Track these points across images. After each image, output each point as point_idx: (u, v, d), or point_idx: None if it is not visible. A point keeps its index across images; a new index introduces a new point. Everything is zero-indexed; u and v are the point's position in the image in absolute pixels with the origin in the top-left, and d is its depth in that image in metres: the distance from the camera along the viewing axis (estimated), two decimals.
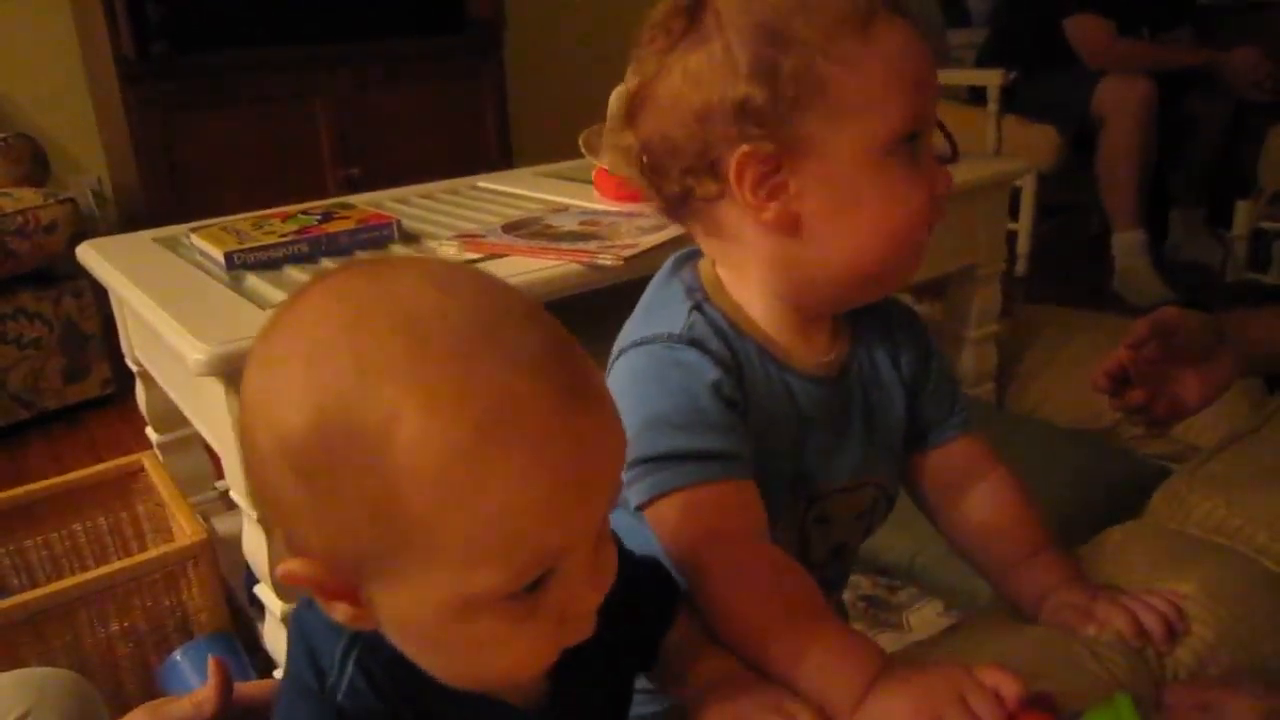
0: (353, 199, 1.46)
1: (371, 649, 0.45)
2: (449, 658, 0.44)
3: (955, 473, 0.71)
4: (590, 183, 1.43)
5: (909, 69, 0.58)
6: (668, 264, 0.69)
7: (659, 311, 0.64)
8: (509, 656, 0.43)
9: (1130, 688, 0.53)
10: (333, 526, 0.39)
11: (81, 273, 1.50)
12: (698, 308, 0.63)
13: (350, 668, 0.45)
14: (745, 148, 0.57)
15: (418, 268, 0.43)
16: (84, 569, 1.20)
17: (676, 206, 0.64)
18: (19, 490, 1.23)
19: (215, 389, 0.87)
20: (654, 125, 0.60)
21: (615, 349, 0.65)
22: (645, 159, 0.62)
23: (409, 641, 0.44)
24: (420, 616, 0.41)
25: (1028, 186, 2.58)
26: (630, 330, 0.65)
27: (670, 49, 0.59)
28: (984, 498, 0.70)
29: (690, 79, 0.58)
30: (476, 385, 0.38)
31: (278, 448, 0.39)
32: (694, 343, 0.61)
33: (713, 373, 0.60)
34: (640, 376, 0.61)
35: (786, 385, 0.64)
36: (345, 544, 0.40)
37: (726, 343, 0.62)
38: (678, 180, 0.61)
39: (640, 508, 0.59)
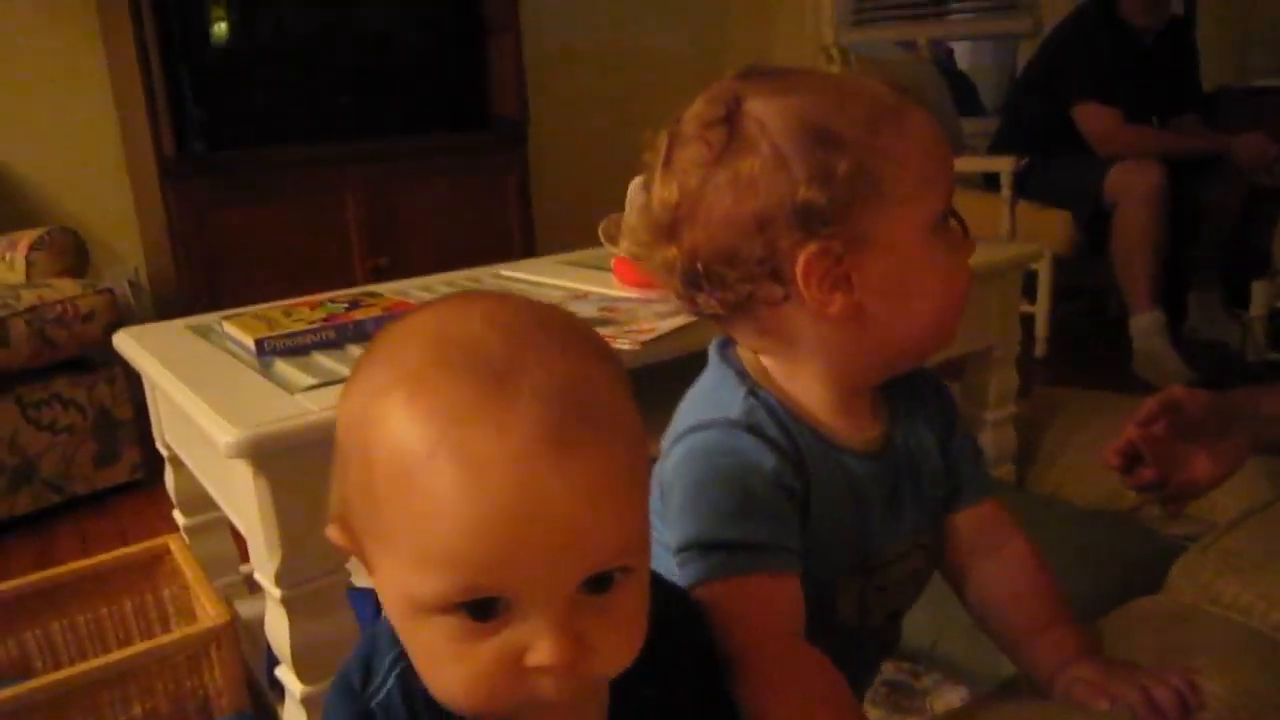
0: (379, 288, 1.50)
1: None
2: (413, 657, 0.47)
3: (977, 536, 0.72)
4: (609, 270, 1.47)
5: (939, 152, 0.62)
6: (714, 351, 0.70)
7: (714, 396, 0.66)
8: (454, 676, 0.43)
9: None
10: (345, 497, 0.46)
11: (116, 360, 1.55)
12: (753, 393, 0.65)
13: (392, 680, 0.48)
14: (813, 248, 0.59)
15: (491, 300, 0.47)
16: (108, 651, 1.21)
17: (731, 311, 0.64)
18: (46, 573, 1.25)
19: (244, 472, 0.89)
20: (704, 235, 0.61)
21: (671, 435, 0.66)
22: (699, 268, 0.62)
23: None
24: (390, 606, 0.45)
25: (1044, 270, 2.61)
26: (685, 416, 0.66)
27: (714, 160, 0.61)
28: (1003, 566, 0.71)
29: (744, 187, 0.59)
30: (456, 403, 0.41)
31: (339, 425, 0.46)
32: (752, 429, 0.62)
33: (770, 460, 0.61)
34: (697, 460, 0.62)
35: (842, 465, 0.65)
36: (352, 516, 0.46)
37: (784, 428, 0.63)
38: (735, 287, 0.62)
39: (691, 589, 0.60)
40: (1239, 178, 2.53)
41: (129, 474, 2.11)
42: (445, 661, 0.43)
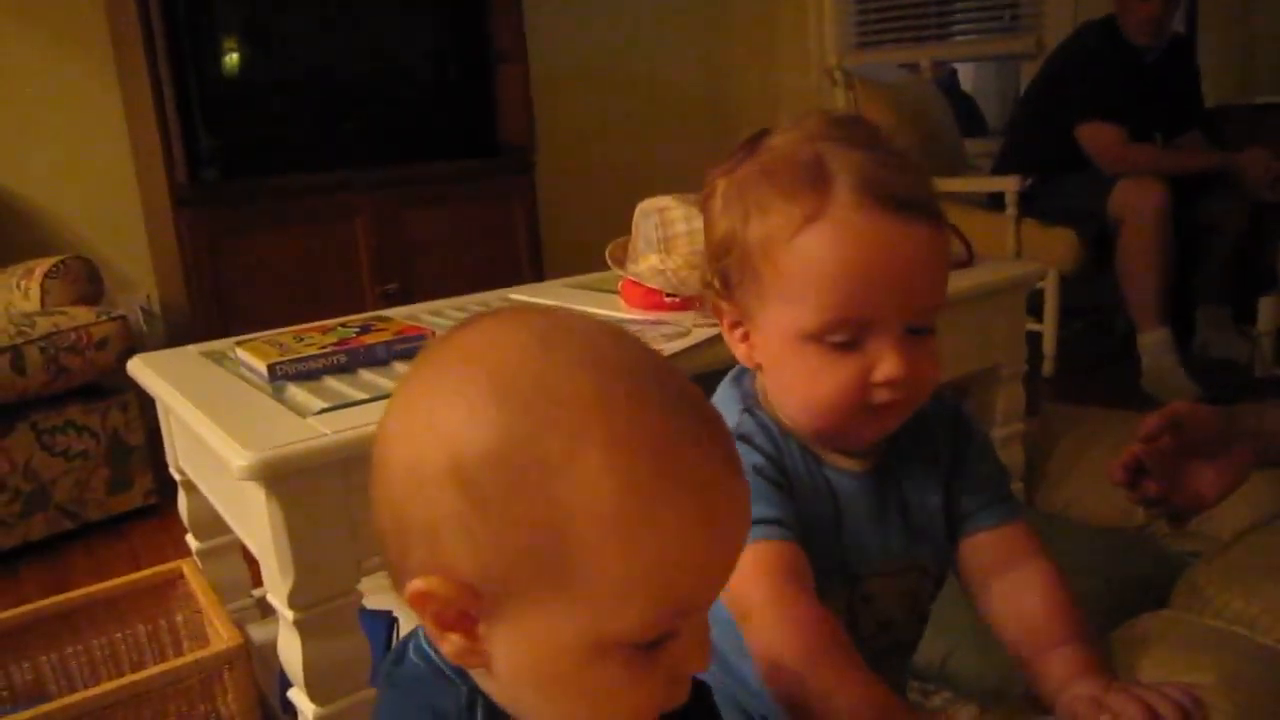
0: (389, 313, 1.52)
1: (494, 710, 0.45)
2: (557, 704, 0.44)
3: (992, 558, 0.73)
4: (617, 293, 1.49)
5: (843, 273, 0.61)
6: (728, 377, 0.77)
7: None
8: (619, 708, 0.43)
9: None
10: (491, 549, 0.40)
11: (129, 386, 1.57)
12: (748, 410, 0.71)
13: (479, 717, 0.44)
14: (721, 303, 0.70)
15: (579, 313, 0.47)
16: (121, 675, 1.22)
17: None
18: (60, 598, 1.26)
19: (257, 494, 0.90)
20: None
21: None
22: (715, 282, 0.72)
23: (519, 682, 0.44)
24: (544, 655, 0.42)
25: (1050, 288, 2.62)
26: None
27: (705, 198, 0.71)
28: (1017, 585, 0.72)
29: (702, 236, 0.71)
30: (655, 428, 0.40)
31: (449, 466, 0.40)
32: (741, 438, 0.68)
33: (756, 458, 0.67)
34: None
35: (825, 479, 0.70)
36: (498, 569, 0.40)
37: (771, 439, 0.69)
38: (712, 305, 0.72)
39: None
40: (1243, 195, 2.54)
41: (142, 499, 2.13)
42: (609, 697, 0.43)
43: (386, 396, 1.01)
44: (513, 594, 0.41)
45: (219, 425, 0.95)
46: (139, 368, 1.29)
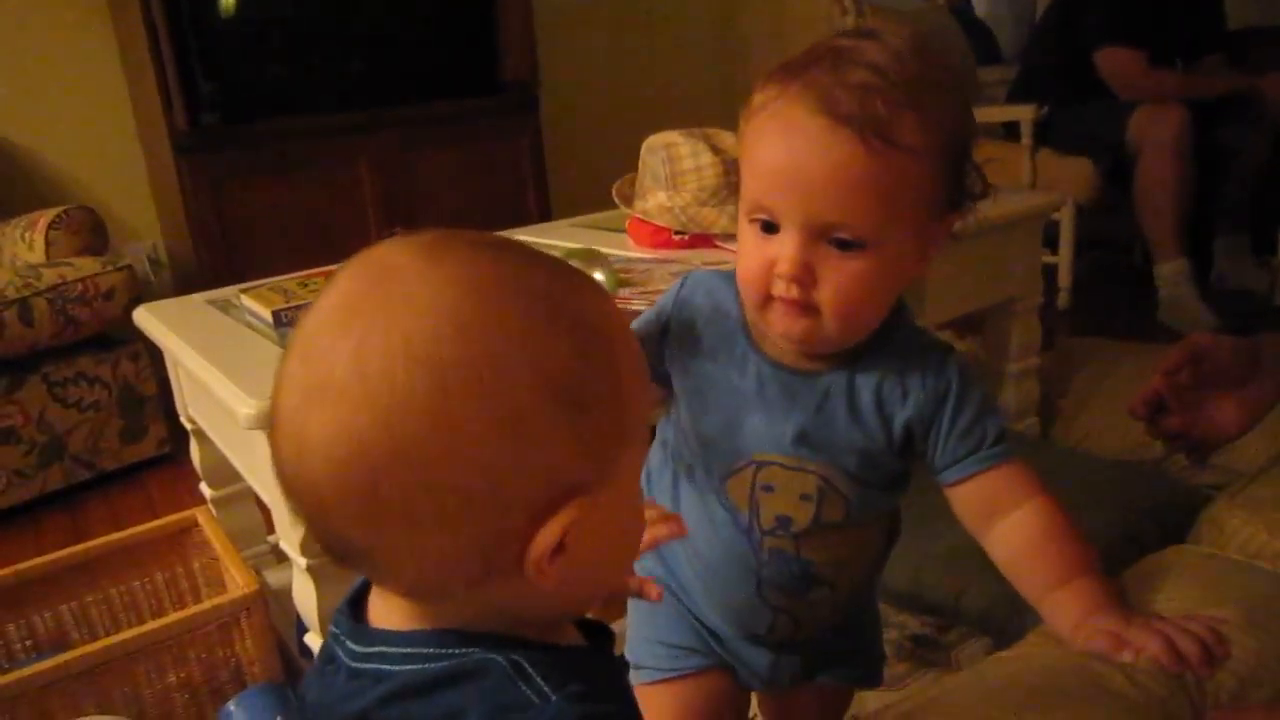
0: None
1: (534, 659, 0.42)
2: (627, 550, 0.48)
3: (989, 503, 0.71)
4: (624, 231, 1.46)
5: (767, 159, 0.65)
6: None
7: None
8: (642, 526, 0.52)
9: (1168, 713, 0.52)
10: (599, 438, 0.41)
11: (138, 336, 1.56)
12: (724, 274, 0.75)
13: (552, 692, 0.40)
14: None
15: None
16: (141, 623, 1.23)
17: None
18: (78, 548, 1.27)
19: (264, 442, 0.90)
20: None
21: None
22: None
23: (604, 558, 0.45)
24: (623, 510, 0.45)
25: (1066, 219, 2.57)
26: None
27: None
28: (1019, 524, 0.70)
29: None
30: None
31: (548, 389, 0.39)
32: (688, 280, 0.76)
33: (666, 301, 0.75)
34: None
35: (750, 359, 0.72)
36: (605, 449, 0.42)
37: (718, 303, 0.74)
38: None
39: None
40: (1266, 120, 2.48)
41: (156, 448, 2.14)
42: (640, 518, 0.50)
43: None
44: (609, 465, 0.42)
45: (224, 374, 0.94)
46: (144, 317, 1.28)
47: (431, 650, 0.42)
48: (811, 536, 0.73)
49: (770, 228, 0.65)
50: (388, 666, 0.43)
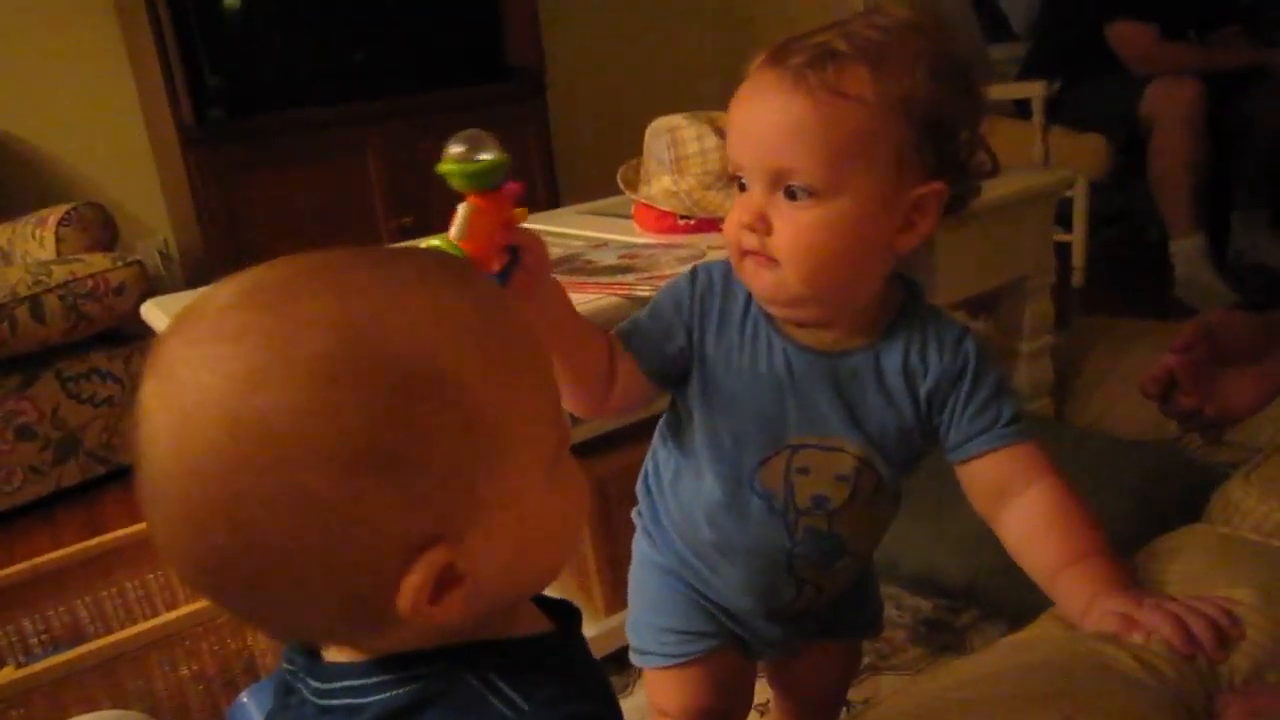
0: (403, 246, 1.50)
1: (501, 669, 0.41)
2: (551, 543, 0.44)
3: (1000, 483, 0.71)
4: (630, 217, 1.45)
5: (734, 117, 0.68)
6: None
7: None
8: (581, 502, 0.47)
9: (1179, 694, 0.51)
10: (440, 488, 0.37)
11: (150, 331, 1.56)
12: (724, 268, 0.74)
13: (523, 701, 0.40)
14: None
15: (253, 270, 0.40)
16: (155, 616, 1.24)
17: None
18: (92, 542, 1.27)
19: None
20: None
21: None
22: None
23: (517, 563, 0.42)
24: (525, 515, 0.41)
25: (1079, 196, 2.54)
26: None
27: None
28: (1028, 505, 0.69)
29: None
30: (442, 286, 0.40)
31: (340, 466, 0.35)
32: (703, 269, 0.74)
33: (683, 283, 0.74)
34: None
35: (776, 345, 0.71)
36: (455, 494, 0.38)
37: (722, 289, 0.73)
38: None
39: None
40: None
41: None
42: (578, 486, 0.47)
43: None
44: (478, 497, 0.39)
45: None
46: (153, 312, 1.28)
47: (398, 676, 0.41)
48: (845, 512, 0.73)
49: (744, 186, 0.67)
50: (358, 700, 0.41)
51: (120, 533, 1.30)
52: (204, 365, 0.36)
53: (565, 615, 0.49)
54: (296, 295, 0.37)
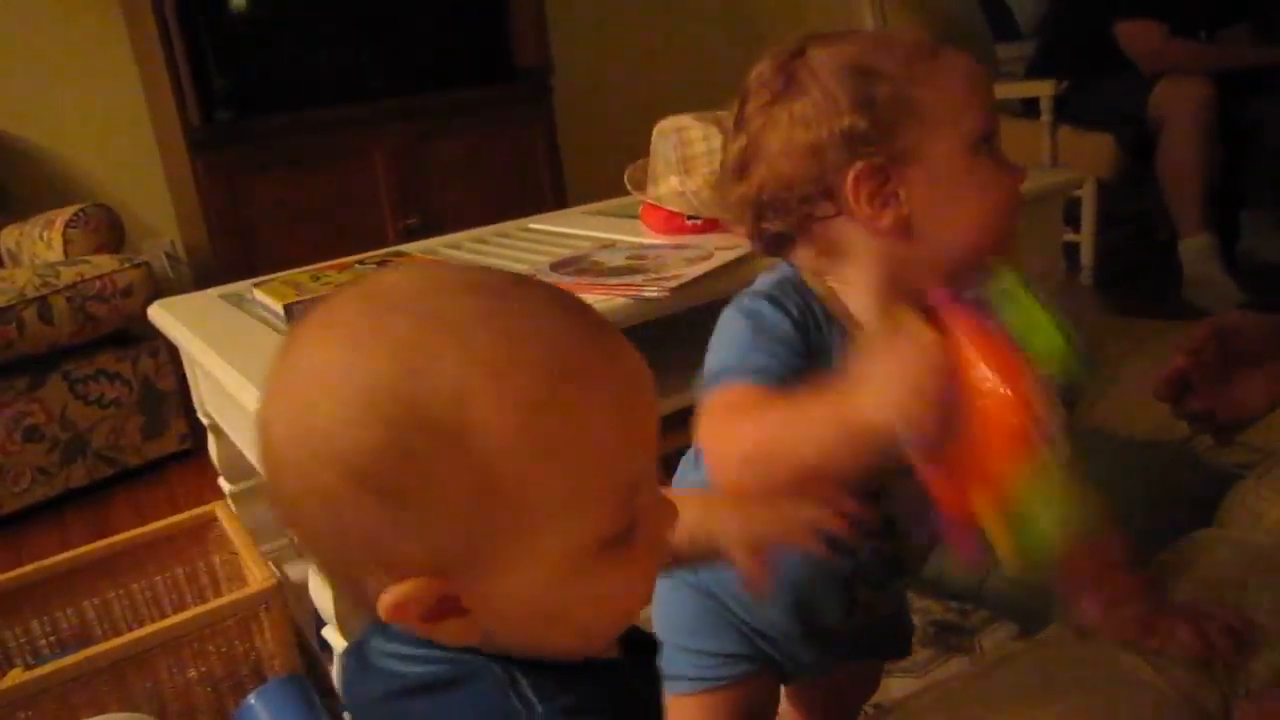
0: (408, 247, 1.50)
1: (529, 670, 0.43)
2: (568, 624, 0.43)
3: None
4: (638, 218, 1.45)
5: (975, 81, 0.68)
6: (773, 266, 0.75)
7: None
8: (626, 599, 0.44)
9: (1195, 701, 0.51)
10: (434, 531, 0.39)
11: (158, 333, 1.57)
12: (788, 279, 0.71)
13: (539, 703, 0.42)
14: (860, 166, 0.65)
15: (390, 270, 0.44)
16: (163, 618, 1.24)
17: (791, 234, 0.70)
18: (100, 544, 1.27)
19: None
20: (768, 169, 0.68)
21: None
22: (764, 198, 0.69)
23: (527, 627, 0.43)
24: (536, 592, 0.41)
25: (1088, 196, 2.53)
26: None
27: (773, 103, 0.68)
28: None
29: (798, 122, 0.66)
30: (527, 339, 0.39)
31: (350, 477, 0.38)
32: (772, 299, 0.68)
33: (777, 316, 0.67)
34: (722, 319, 0.70)
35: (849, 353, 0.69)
36: (452, 543, 0.39)
37: (807, 307, 0.69)
38: (796, 210, 0.68)
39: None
40: None
41: (177, 444, 2.15)
42: (613, 594, 0.43)
43: None
44: (479, 556, 0.40)
45: (235, 368, 0.94)
46: (159, 313, 1.29)
47: (440, 654, 0.44)
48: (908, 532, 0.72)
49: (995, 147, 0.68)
50: (403, 668, 0.45)
51: (128, 535, 1.30)
52: (302, 356, 0.41)
53: (638, 646, 0.50)
54: (393, 308, 0.40)
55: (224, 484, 1.41)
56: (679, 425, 0.69)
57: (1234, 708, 0.52)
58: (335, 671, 1.02)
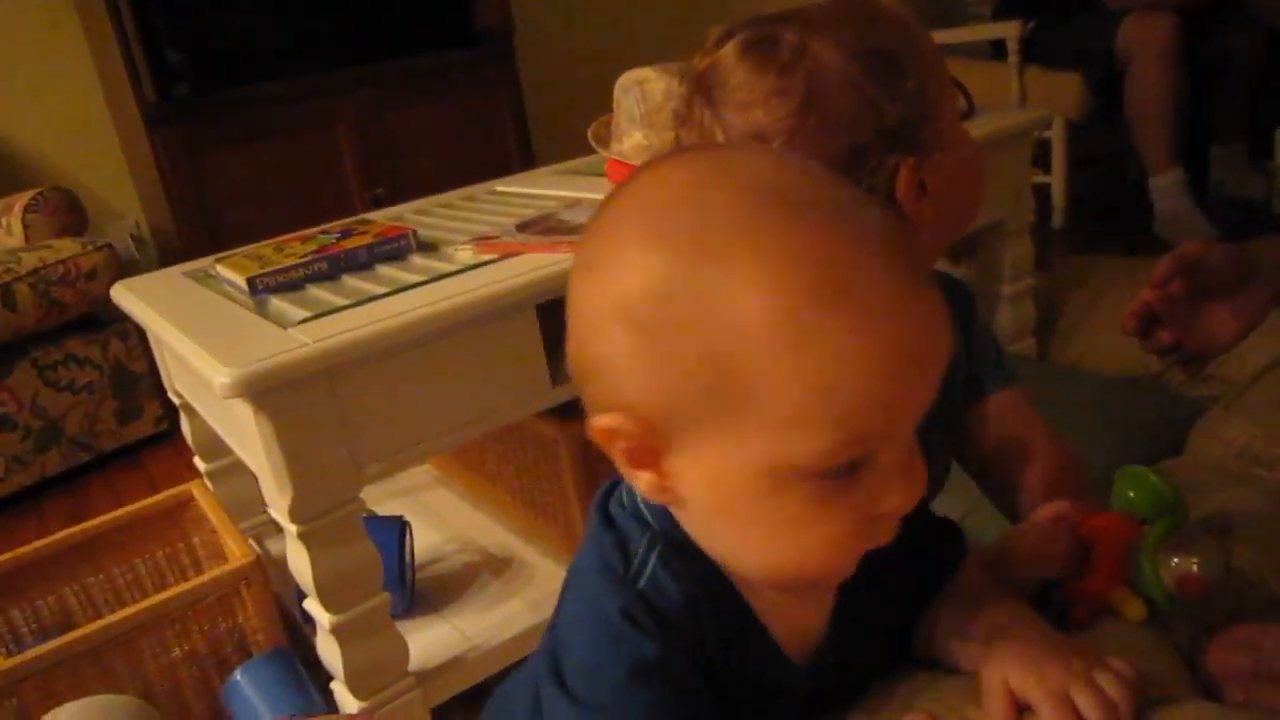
0: (373, 215, 1.47)
1: (675, 547, 0.47)
2: (745, 536, 0.44)
3: (999, 423, 0.72)
4: (604, 175, 1.43)
5: (940, 50, 0.70)
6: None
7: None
8: (808, 542, 0.42)
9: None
10: (661, 381, 0.40)
11: (126, 315, 1.54)
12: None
13: (653, 560, 0.47)
14: (908, 160, 0.65)
15: (754, 147, 0.48)
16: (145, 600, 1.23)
17: None
18: (76, 529, 1.26)
19: (245, 411, 0.88)
20: None
21: None
22: None
23: (708, 516, 0.45)
24: (727, 486, 0.42)
25: (1057, 137, 2.53)
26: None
27: (799, 112, 0.64)
28: (1015, 456, 0.70)
29: (833, 128, 0.64)
30: (812, 248, 0.39)
31: (613, 304, 0.41)
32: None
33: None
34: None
35: None
36: (671, 399, 0.41)
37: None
38: None
39: None
40: (1259, 23, 2.41)
41: (153, 426, 2.13)
42: (798, 528, 0.42)
43: (370, 300, 0.98)
44: (689, 424, 0.41)
45: (199, 344, 0.93)
46: (121, 293, 1.26)
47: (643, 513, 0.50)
48: None
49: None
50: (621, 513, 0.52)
51: (105, 518, 1.28)
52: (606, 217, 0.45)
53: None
54: (705, 207, 0.41)
55: (199, 463, 1.40)
56: None
57: (1203, 642, 0.52)
58: None
